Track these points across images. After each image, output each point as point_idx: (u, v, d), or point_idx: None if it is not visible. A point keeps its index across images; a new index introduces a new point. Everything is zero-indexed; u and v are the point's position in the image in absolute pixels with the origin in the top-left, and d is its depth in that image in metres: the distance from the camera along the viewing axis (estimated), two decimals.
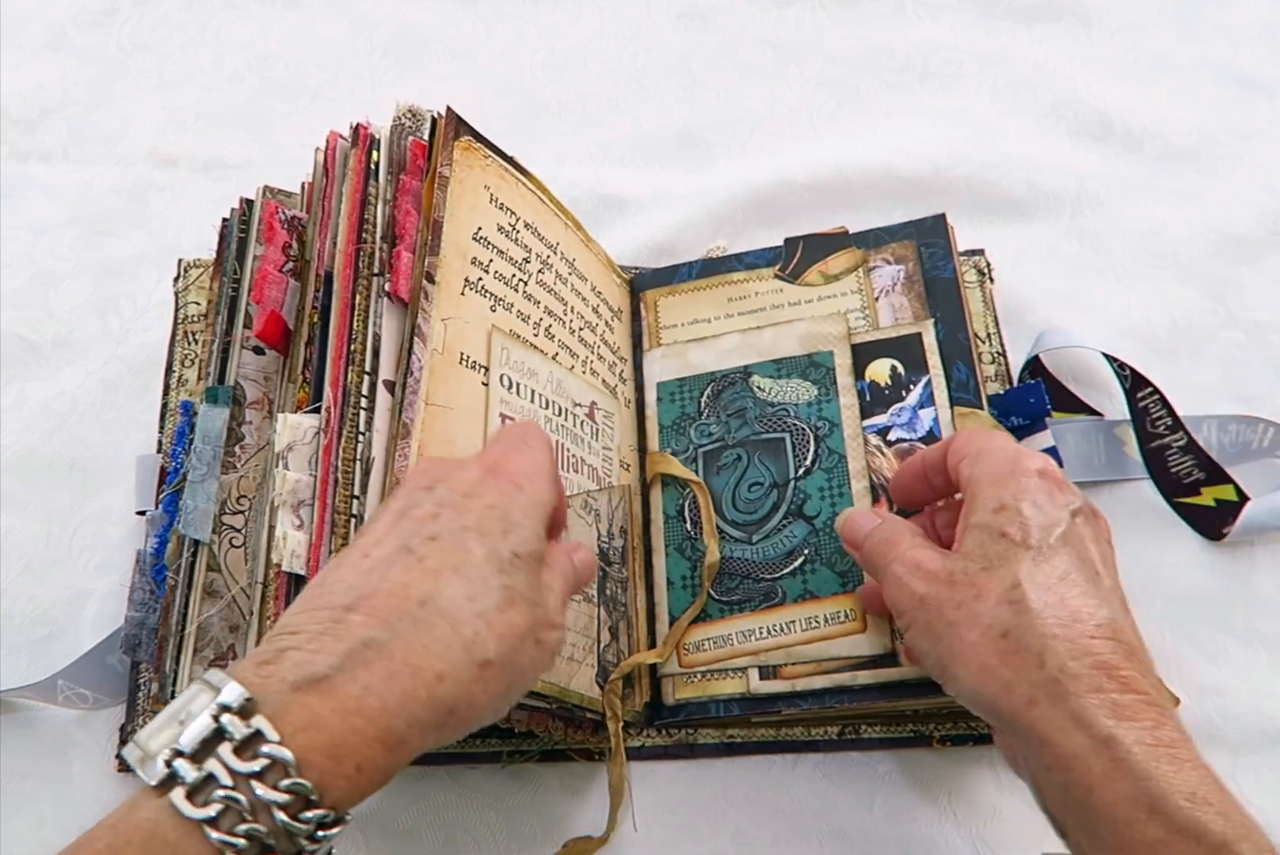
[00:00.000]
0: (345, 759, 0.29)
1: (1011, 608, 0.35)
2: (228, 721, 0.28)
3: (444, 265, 0.45)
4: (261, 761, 0.28)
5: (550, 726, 0.45)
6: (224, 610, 0.43)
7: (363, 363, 0.42)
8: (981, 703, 0.36)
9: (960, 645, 0.36)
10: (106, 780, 0.49)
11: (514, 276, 0.49)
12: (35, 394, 0.59)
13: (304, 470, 0.42)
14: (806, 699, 0.46)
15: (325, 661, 0.29)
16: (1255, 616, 0.52)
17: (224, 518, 0.44)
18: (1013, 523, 0.37)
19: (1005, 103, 0.69)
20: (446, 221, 0.46)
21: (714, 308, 0.57)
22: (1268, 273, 0.62)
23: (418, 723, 0.30)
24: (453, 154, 0.47)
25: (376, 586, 0.32)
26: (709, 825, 0.48)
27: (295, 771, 0.28)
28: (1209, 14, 0.71)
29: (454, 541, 0.33)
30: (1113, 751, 0.32)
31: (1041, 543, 0.37)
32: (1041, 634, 0.35)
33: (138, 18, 0.73)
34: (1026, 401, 0.52)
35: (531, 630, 0.33)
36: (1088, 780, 0.32)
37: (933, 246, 0.54)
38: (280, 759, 0.28)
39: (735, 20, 0.72)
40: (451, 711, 0.31)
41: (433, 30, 0.72)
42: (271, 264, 0.47)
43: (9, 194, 0.66)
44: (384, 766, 0.30)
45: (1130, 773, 0.32)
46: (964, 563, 0.37)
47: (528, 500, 0.35)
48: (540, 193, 0.53)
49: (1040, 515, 0.38)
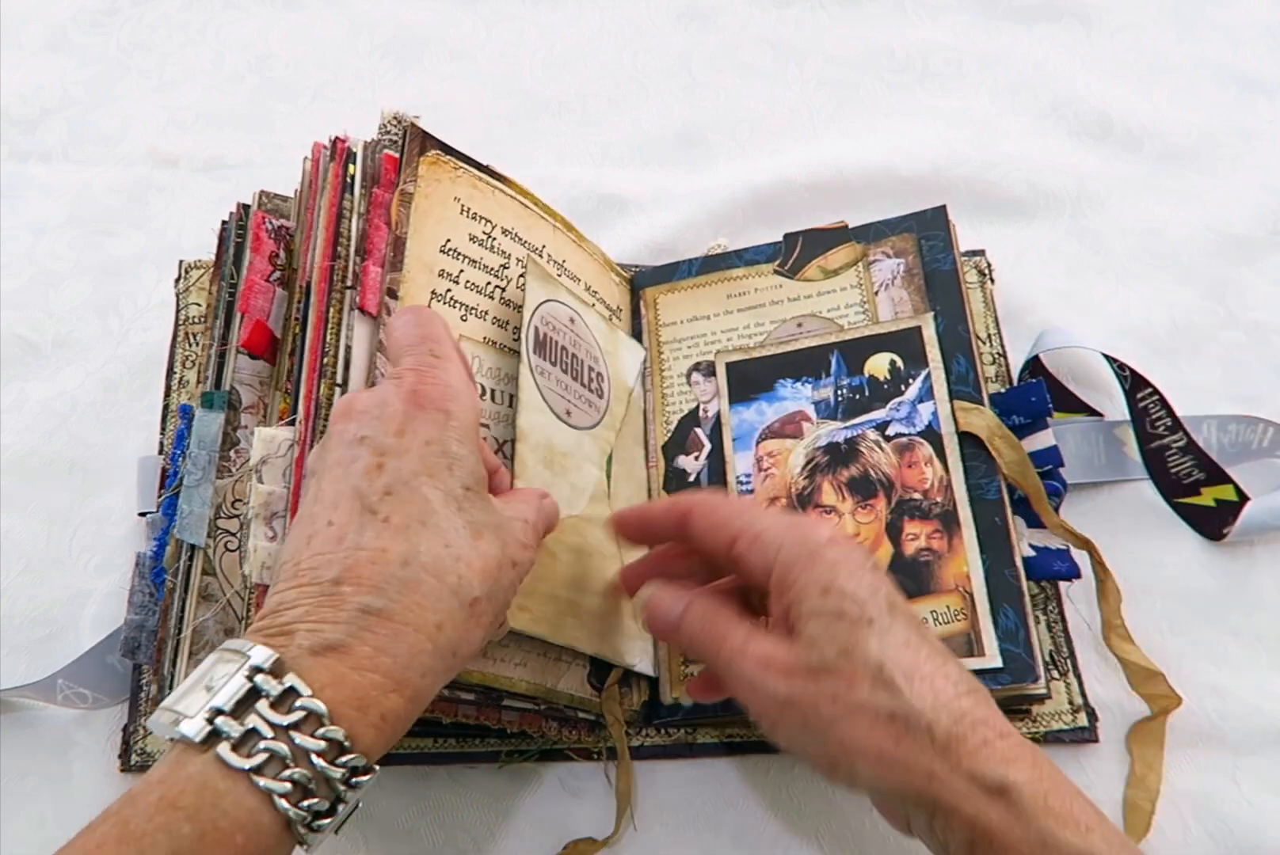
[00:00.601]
0: (370, 709, 0.31)
1: (887, 691, 0.35)
2: (261, 681, 0.30)
3: (408, 280, 0.45)
4: (298, 714, 0.30)
5: (544, 727, 0.46)
6: (219, 614, 0.43)
7: (333, 375, 0.43)
8: (884, 787, 0.36)
9: (852, 738, 0.35)
10: (106, 780, 0.49)
11: (489, 284, 0.49)
12: (35, 394, 0.59)
13: (278, 483, 0.42)
14: None
15: (333, 630, 0.31)
16: (1255, 616, 0.52)
17: (219, 522, 0.45)
18: (844, 601, 0.36)
19: (1005, 103, 0.69)
20: (411, 237, 0.46)
21: (713, 304, 0.57)
22: (1268, 273, 0.62)
23: (429, 671, 0.33)
24: (417, 169, 0.48)
25: (356, 556, 0.33)
26: (709, 825, 0.48)
27: (329, 721, 0.30)
28: (1209, 14, 0.71)
29: (409, 492, 0.34)
30: (1006, 800, 0.34)
31: (878, 613, 0.36)
32: (921, 709, 0.35)
33: (138, 18, 0.73)
34: (1028, 400, 0.52)
35: (505, 555, 0.35)
36: (989, 832, 0.34)
37: (933, 239, 0.54)
38: (315, 711, 0.30)
39: (735, 20, 0.72)
40: (454, 653, 0.34)
41: (433, 30, 0.72)
42: (258, 274, 0.48)
43: (9, 194, 0.66)
44: (404, 715, 0.32)
45: (1023, 817, 0.33)
46: (818, 652, 0.36)
47: (459, 425, 0.36)
48: (522, 197, 0.53)
49: (860, 586, 0.37)
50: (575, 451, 0.49)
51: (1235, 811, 0.48)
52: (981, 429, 0.49)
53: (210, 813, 0.28)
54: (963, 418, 0.50)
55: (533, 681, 0.44)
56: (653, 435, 0.55)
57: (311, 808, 0.30)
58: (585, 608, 0.47)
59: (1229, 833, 0.47)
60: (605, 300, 0.56)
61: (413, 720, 0.33)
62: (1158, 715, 0.48)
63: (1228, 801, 0.48)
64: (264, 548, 0.41)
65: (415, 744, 0.48)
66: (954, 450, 0.49)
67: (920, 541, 0.48)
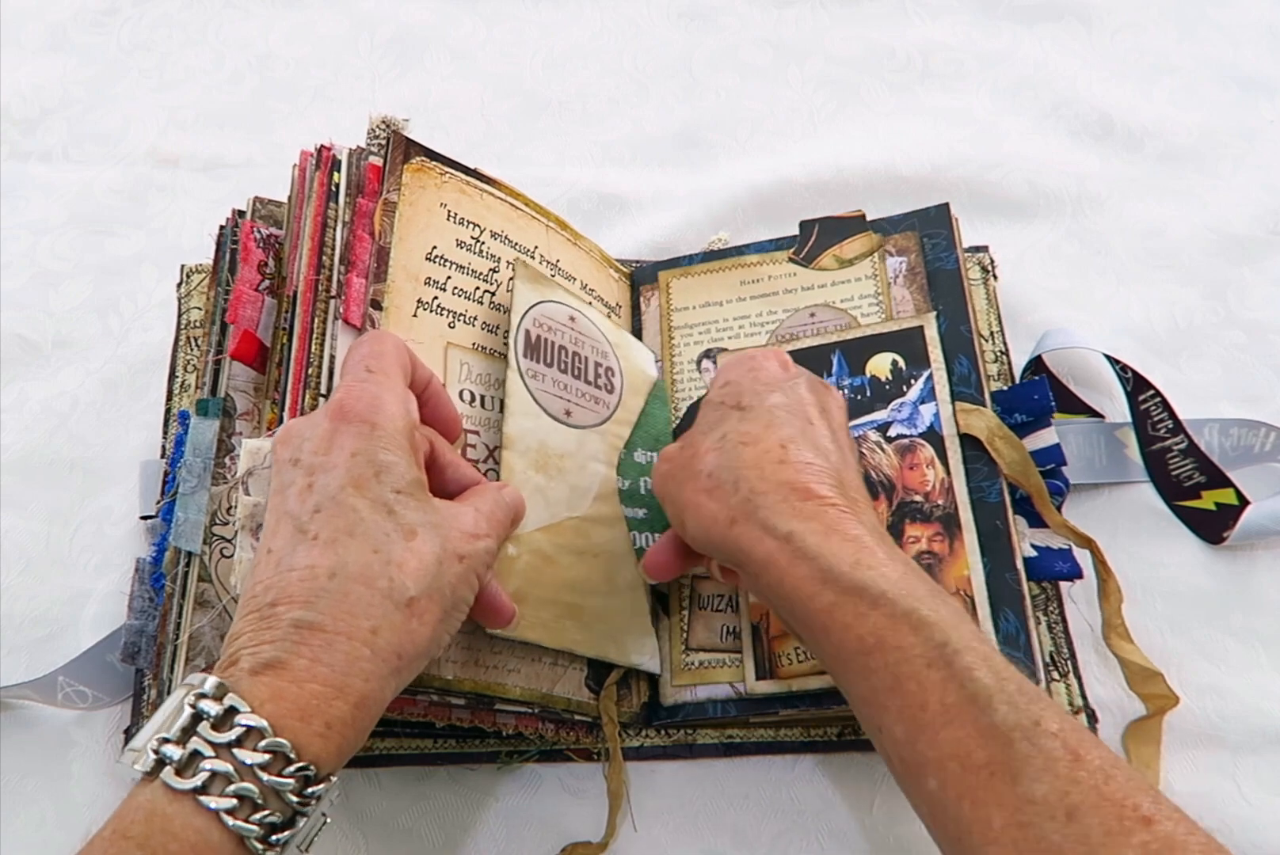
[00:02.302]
0: (313, 719, 0.32)
1: (716, 455, 0.40)
2: (205, 705, 0.31)
3: (393, 290, 0.46)
4: (238, 730, 0.31)
5: (540, 729, 0.46)
6: (215, 620, 0.43)
7: (318, 386, 0.43)
8: (701, 538, 0.40)
9: (683, 497, 0.41)
10: (106, 780, 0.49)
11: (477, 289, 0.49)
12: (35, 394, 0.59)
13: (264, 494, 0.42)
14: (804, 701, 0.46)
15: (270, 649, 0.32)
16: (1255, 617, 0.52)
17: (214, 529, 0.44)
18: (731, 393, 0.42)
19: (1005, 103, 0.69)
20: (395, 246, 0.46)
21: (727, 290, 0.57)
22: (1268, 273, 0.62)
23: (372, 675, 0.33)
24: (401, 178, 0.48)
25: (287, 577, 0.34)
26: (709, 825, 0.48)
27: (270, 733, 0.31)
28: (1209, 14, 0.71)
29: (335, 506, 0.35)
30: (792, 544, 0.37)
31: (752, 403, 0.42)
32: (735, 467, 0.39)
33: (138, 18, 0.73)
34: (1030, 398, 0.52)
35: (445, 550, 0.36)
36: (778, 573, 0.37)
37: (935, 237, 0.54)
38: (255, 726, 0.31)
39: (735, 20, 0.72)
40: (399, 655, 0.34)
41: (433, 30, 0.72)
42: (246, 284, 0.48)
43: (9, 194, 0.66)
44: (352, 720, 0.33)
45: (804, 556, 0.36)
46: (693, 433, 0.43)
47: (385, 434, 0.37)
48: (512, 199, 0.53)
49: (757, 384, 0.42)
50: (576, 452, 0.48)
51: (1235, 811, 0.47)
52: (981, 431, 0.49)
53: (160, 837, 0.29)
54: (963, 419, 0.50)
55: (527, 687, 0.44)
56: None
57: (263, 820, 0.30)
58: (589, 609, 0.46)
59: (1229, 833, 0.47)
60: (603, 297, 0.56)
61: (367, 725, 0.34)
62: (1154, 714, 0.48)
63: (1227, 801, 0.48)
64: (249, 560, 0.41)
65: (415, 744, 0.48)
66: (955, 452, 0.49)
67: (921, 544, 0.48)
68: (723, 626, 0.49)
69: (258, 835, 0.30)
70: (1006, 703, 0.32)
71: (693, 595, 0.50)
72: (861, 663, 0.35)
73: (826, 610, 0.36)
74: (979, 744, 0.32)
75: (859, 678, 0.35)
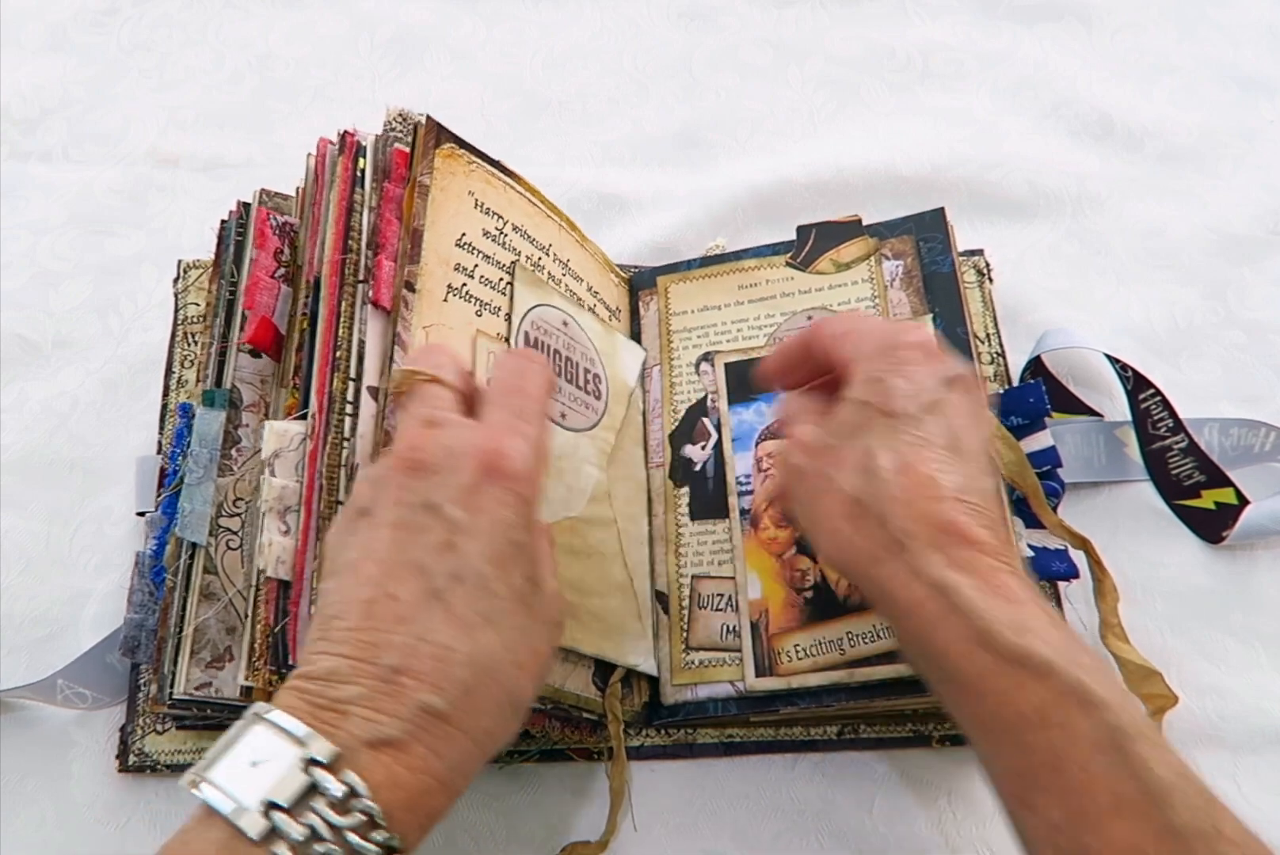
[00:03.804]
0: (419, 810, 0.30)
1: (863, 475, 0.36)
2: (320, 776, 0.29)
3: (425, 273, 0.45)
4: (357, 817, 0.29)
5: (546, 726, 0.46)
6: (221, 612, 0.43)
7: (347, 369, 0.42)
8: (838, 565, 0.38)
9: (819, 512, 0.38)
10: (106, 780, 0.49)
11: (501, 280, 0.49)
12: (35, 394, 0.59)
13: (290, 476, 0.42)
14: (804, 698, 0.46)
15: (392, 724, 0.30)
16: (1255, 616, 0.52)
17: (220, 520, 0.44)
18: (879, 393, 0.37)
19: (1005, 103, 0.69)
20: (427, 229, 0.46)
21: (725, 295, 0.57)
22: (1268, 273, 0.62)
23: (472, 774, 0.33)
24: (433, 162, 0.47)
25: (419, 648, 0.32)
26: (709, 825, 0.48)
27: (384, 824, 0.29)
28: (1209, 14, 0.71)
29: (479, 582, 0.33)
30: (946, 596, 0.34)
31: (903, 410, 0.37)
32: (882, 499, 0.35)
33: (138, 18, 0.73)
34: (1026, 401, 0.52)
35: (552, 648, 0.35)
36: (927, 624, 0.34)
37: (931, 241, 0.54)
38: (373, 814, 0.29)
39: (735, 20, 0.72)
40: (492, 753, 0.33)
41: (433, 30, 0.72)
42: (263, 270, 0.48)
43: (9, 194, 0.66)
44: (442, 815, 0.32)
45: (960, 612, 0.33)
46: (833, 434, 0.38)
47: (528, 510, 0.35)
48: (530, 195, 0.53)
49: (908, 385, 0.37)
50: (571, 454, 0.48)
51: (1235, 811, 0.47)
52: None
53: None
54: None
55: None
56: (657, 430, 0.55)
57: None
58: (586, 609, 0.47)
59: None
60: (605, 301, 0.56)
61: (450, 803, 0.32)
62: (1154, 714, 0.48)
63: (1228, 802, 0.48)
64: (278, 542, 0.41)
65: None
66: None
67: None
68: (723, 626, 0.49)
69: None
70: (1187, 805, 0.30)
71: (693, 595, 0.50)
72: (1017, 736, 0.32)
73: (980, 675, 0.33)
74: (1154, 844, 0.30)
75: (1012, 750, 0.32)
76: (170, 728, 0.48)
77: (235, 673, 0.42)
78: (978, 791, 0.48)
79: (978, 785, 0.48)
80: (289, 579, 0.41)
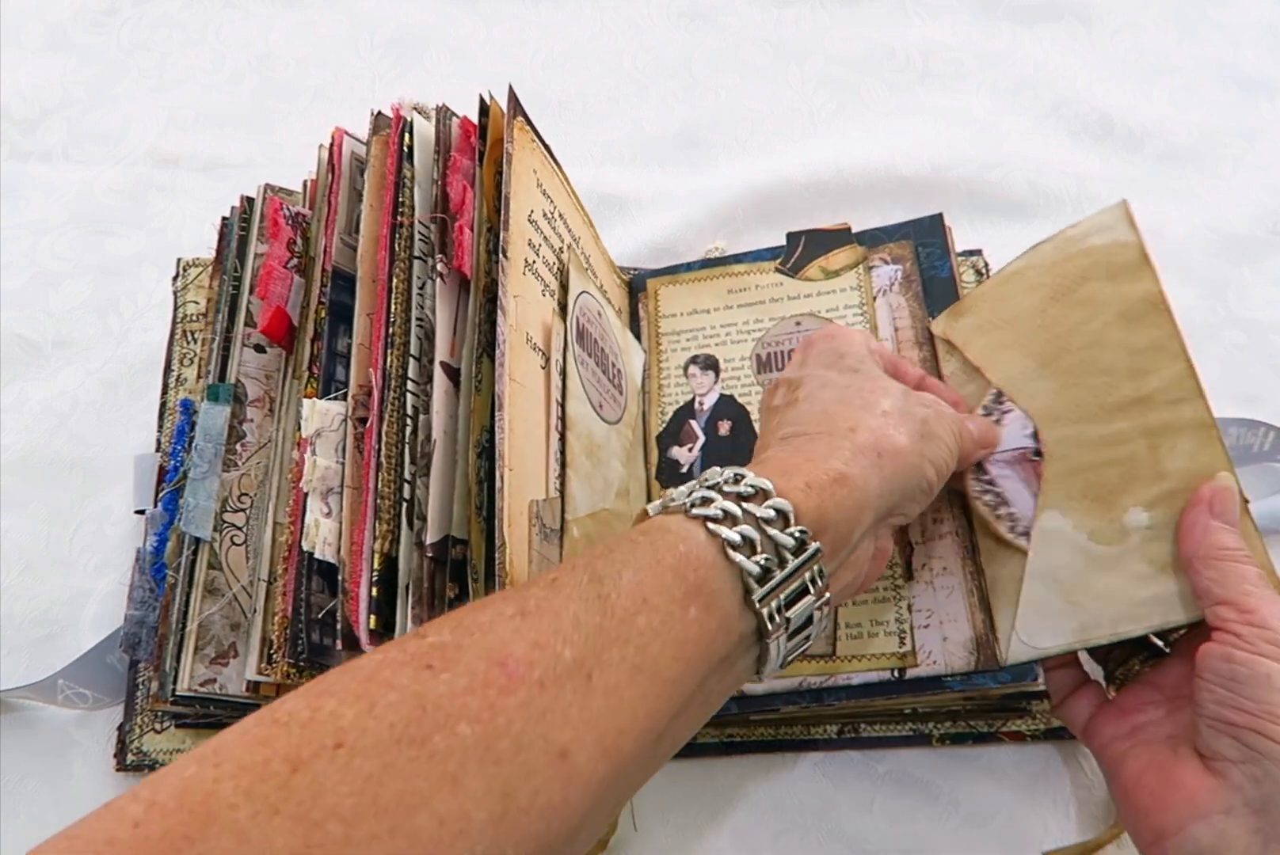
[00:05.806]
0: (793, 476, 0.35)
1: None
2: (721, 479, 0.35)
3: (511, 242, 0.43)
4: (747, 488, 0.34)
5: None
6: (225, 608, 0.43)
7: (405, 345, 0.41)
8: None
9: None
10: (106, 780, 0.49)
11: (553, 264, 0.48)
12: (35, 394, 0.59)
13: (331, 457, 0.41)
14: (804, 696, 0.46)
15: (761, 453, 0.39)
16: None
17: (225, 516, 0.44)
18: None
19: (1005, 103, 0.69)
20: (512, 198, 0.44)
21: (714, 298, 0.57)
22: (1268, 273, 0.62)
23: (851, 462, 0.37)
24: (513, 132, 0.46)
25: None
26: (709, 825, 0.48)
27: (774, 493, 0.34)
28: (1209, 14, 0.71)
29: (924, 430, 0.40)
30: None
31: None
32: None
33: (138, 18, 0.73)
34: None
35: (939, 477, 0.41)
36: None
37: (930, 246, 0.54)
38: (761, 487, 0.34)
39: (735, 20, 0.72)
40: (879, 452, 0.38)
41: (433, 30, 0.72)
42: (276, 260, 0.47)
43: (9, 194, 0.66)
44: (830, 490, 0.35)
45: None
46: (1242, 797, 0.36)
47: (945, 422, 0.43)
48: (567, 186, 0.52)
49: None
50: (605, 444, 0.48)
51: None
52: None
53: (661, 536, 0.32)
54: None
55: None
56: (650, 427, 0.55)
57: (762, 563, 0.32)
58: None
59: None
60: (612, 301, 0.56)
61: (849, 505, 0.36)
62: None
63: None
64: (324, 524, 0.40)
65: None
66: None
67: None
68: None
69: (755, 576, 0.32)
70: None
71: None
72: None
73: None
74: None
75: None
76: (169, 726, 0.48)
77: (241, 668, 0.42)
78: (978, 791, 0.48)
79: (978, 785, 0.48)
80: (334, 561, 0.39)
